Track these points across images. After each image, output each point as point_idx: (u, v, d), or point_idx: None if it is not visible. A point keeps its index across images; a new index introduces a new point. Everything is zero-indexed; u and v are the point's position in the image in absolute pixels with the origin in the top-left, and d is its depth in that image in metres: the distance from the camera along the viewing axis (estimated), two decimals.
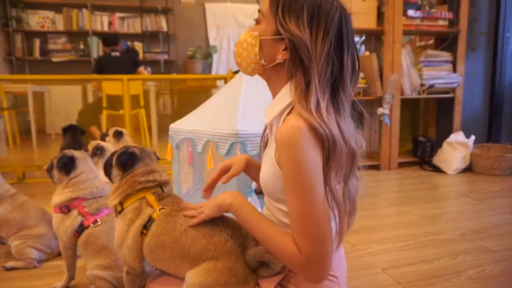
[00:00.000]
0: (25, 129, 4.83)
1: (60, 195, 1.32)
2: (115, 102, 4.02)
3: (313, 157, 0.79)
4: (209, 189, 1.07)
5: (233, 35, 6.69)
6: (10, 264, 1.49)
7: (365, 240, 1.74)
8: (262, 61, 0.88)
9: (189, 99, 5.59)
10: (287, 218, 0.91)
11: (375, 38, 3.46)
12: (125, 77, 3.01)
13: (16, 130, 4.63)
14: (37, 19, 5.68)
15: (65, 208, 1.30)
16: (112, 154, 1.12)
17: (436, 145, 3.32)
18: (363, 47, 3.49)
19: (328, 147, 0.78)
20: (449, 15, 3.13)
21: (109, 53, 4.26)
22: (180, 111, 4.60)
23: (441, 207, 2.22)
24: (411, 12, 3.05)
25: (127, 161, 1.08)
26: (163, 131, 6.03)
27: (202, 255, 0.96)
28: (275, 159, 0.88)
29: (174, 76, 5.48)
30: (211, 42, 6.53)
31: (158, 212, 1.03)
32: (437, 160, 3.17)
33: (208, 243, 0.96)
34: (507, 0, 3.21)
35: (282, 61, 0.85)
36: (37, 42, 5.72)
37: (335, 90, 0.83)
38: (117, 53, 4.25)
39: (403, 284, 1.35)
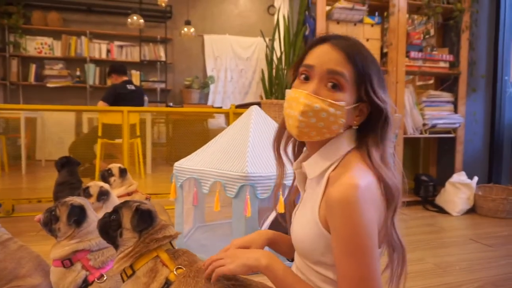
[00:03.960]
0: (14, 155, 4.67)
1: (63, 247, 1.21)
2: (111, 131, 3.93)
3: (373, 218, 0.76)
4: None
5: (230, 65, 6.76)
6: None
7: None
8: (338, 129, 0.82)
9: (185, 127, 5.53)
10: (326, 283, 0.84)
11: None
12: (125, 109, 2.94)
13: (5, 156, 4.48)
14: (35, 45, 5.65)
15: (68, 262, 1.20)
16: (116, 213, 1.02)
17: (438, 184, 3.29)
18: None
19: (394, 197, 0.80)
20: (450, 57, 3.18)
21: (124, 85, 4.16)
22: (175, 140, 4.53)
23: (452, 254, 2.15)
24: (413, 54, 3.09)
25: (147, 222, 0.99)
26: (157, 160, 5.95)
27: None
28: (318, 218, 0.81)
29: (175, 108, 5.44)
30: (209, 73, 6.57)
31: (175, 272, 0.94)
32: (440, 200, 3.13)
33: None
34: (504, 45, 3.29)
35: (356, 126, 0.85)
36: (33, 67, 5.66)
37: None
38: (133, 87, 4.19)
39: None
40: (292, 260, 1.01)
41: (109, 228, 1.01)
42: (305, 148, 0.95)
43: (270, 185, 1.77)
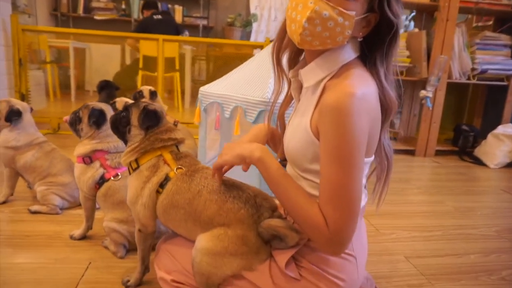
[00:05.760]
0: (65, 84, 4.98)
1: (84, 146, 1.32)
2: (151, 63, 4.03)
3: (364, 128, 0.75)
4: (218, 171, 0.94)
5: (275, 4, 6.46)
6: (35, 208, 1.54)
7: (390, 225, 1.65)
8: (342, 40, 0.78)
9: (225, 66, 5.51)
10: (314, 189, 0.85)
11: (426, 14, 3.19)
12: (160, 37, 2.97)
13: (57, 83, 4.78)
14: None
15: (88, 159, 1.31)
16: (126, 111, 1.07)
17: (480, 136, 3.09)
18: (412, 23, 3.24)
19: (391, 110, 0.81)
20: None
21: (151, 16, 4.26)
22: (214, 78, 4.56)
23: (477, 201, 2.07)
24: None
25: (153, 121, 1.04)
26: (196, 97, 6.06)
27: (213, 220, 0.92)
28: (309, 126, 0.81)
29: (210, 39, 5.41)
30: (252, 10, 6.35)
31: (175, 171, 0.99)
32: (479, 152, 2.96)
33: (220, 208, 0.92)
34: None
35: (361, 38, 0.82)
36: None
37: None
38: (159, 16, 4.27)
39: (426, 275, 1.27)
40: (284, 160, 1.03)
41: (119, 124, 1.08)
42: (303, 56, 0.92)
43: (289, 112, 1.76)
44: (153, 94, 2.28)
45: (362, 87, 0.75)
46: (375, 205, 0.91)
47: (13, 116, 1.52)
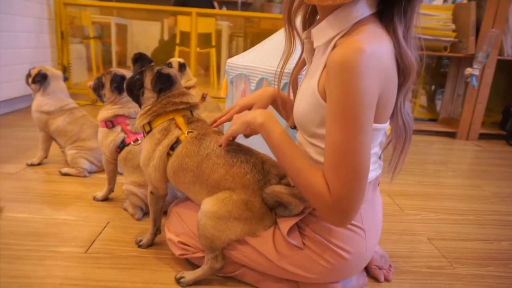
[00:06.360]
0: (108, 59, 5.16)
1: (107, 111, 1.36)
2: (187, 39, 4.05)
3: (373, 88, 0.69)
4: (226, 142, 0.94)
5: None
6: (65, 170, 1.62)
7: (416, 206, 1.57)
8: None
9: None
10: (320, 155, 0.82)
11: None
12: (194, 10, 2.96)
13: (100, 58, 4.97)
14: None
15: (110, 123, 1.34)
16: (140, 74, 1.08)
17: None
18: None
19: (409, 72, 0.74)
20: None
21: None
22: None
23: None
24: None
25: (165, 84, 1.04)
26: None
27: (219, 184, 0.91)
28: (317, 88, 0.77)
29: (244, 13, 5.31)
30: None
31: (186, 134, 0.99)
32: None
33: (226, 172, 0.91)
34: None
35: None
36: None
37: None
38: None
39: (450, 259, 1.19)
40: (292, 127, 1.00)
41: (133, 87, 1.09)
42: (318, 17, 0.86)
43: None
44: (182, 66, 2.29)
45: (374, 43, 0.69)
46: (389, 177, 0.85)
47: (38, 78, 1.60)
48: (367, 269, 1.05)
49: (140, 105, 1.09)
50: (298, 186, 0.80)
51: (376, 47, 0.69)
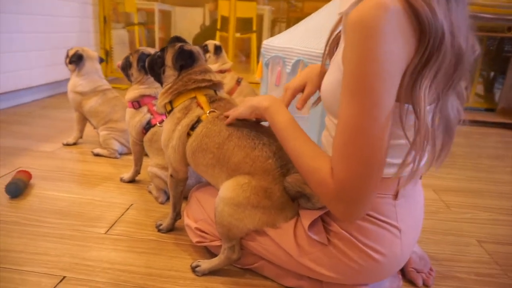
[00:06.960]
0: (151, 46, 5.25)
1: (134, 91, 1.33)
2: (228, 24, 4.00)
3: (396, 53, 0.56)
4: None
5: None
6: (97, 151, 1.63)
7: (465, 204, 1.40)
8: None
9: None
10: None
11: None
12: None
13: (145, 45, 5.07)
14: None
15: (136, 104, 1.32)
16: (162, 52, 1.03)
17: None
18: None
19: (429, 41, 0.55)
20: None
21: None
22: None
23: None
24: None
25: (187, 61, 0.98)
26: None
27: (239, 167, 0.84)
28: (341, 60, 0.66)
29: None
30: None
31: (207, 114, 0.93)
32: None
33: (247, 155, 0.83)
34: None
35: None
36: None
37: None
38: None
39: (502, 265, 1.04)
40: None
41: (155, 65, 1.04)
42: None
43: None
44: (217, 49, 2.23)
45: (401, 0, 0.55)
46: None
47: (74, 58, 1.61)
48: (403, 271, 0.94)
49: (161, 84, 1.04)
50: (301, 171, 0.71)
51: (404, 4, 0.55)
